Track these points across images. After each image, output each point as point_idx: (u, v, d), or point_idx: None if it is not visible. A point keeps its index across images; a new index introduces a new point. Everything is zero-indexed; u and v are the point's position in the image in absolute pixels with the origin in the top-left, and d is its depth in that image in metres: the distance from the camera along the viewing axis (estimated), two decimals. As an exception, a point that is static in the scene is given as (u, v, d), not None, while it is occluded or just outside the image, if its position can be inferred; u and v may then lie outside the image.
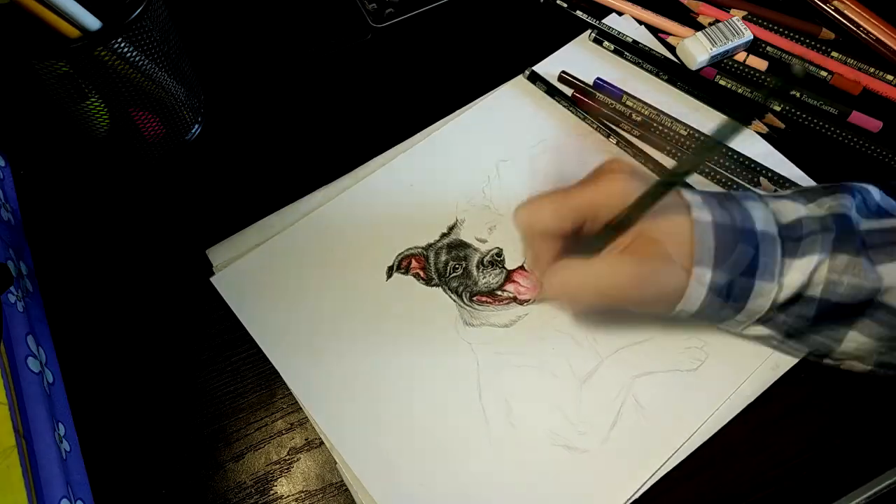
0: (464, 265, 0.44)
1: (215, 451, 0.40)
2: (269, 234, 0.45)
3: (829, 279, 0.34)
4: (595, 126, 0.48)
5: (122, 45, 0.40)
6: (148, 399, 0.41)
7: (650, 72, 0.50)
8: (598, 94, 0.49)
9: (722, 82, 0.50)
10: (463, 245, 0.45)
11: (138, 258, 0.45)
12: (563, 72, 0.50)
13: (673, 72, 0.50)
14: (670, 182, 0.33)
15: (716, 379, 0.40)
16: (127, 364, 0.42)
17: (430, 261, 0.44)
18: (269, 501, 0.39)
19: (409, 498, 0.38)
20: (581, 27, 0.53)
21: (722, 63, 0.51)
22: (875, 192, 0.37)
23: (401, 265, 0.44)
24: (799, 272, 0.35)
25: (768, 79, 0.28)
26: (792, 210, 0.36)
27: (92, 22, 0.38)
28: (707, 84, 0.51)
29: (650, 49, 0.51)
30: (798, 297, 0.35)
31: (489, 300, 0.43)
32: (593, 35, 0.52)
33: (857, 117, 0.48)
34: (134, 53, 0.40)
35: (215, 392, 0.42)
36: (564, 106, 0.49)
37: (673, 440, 0.39)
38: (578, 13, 0.53)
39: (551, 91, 0.49)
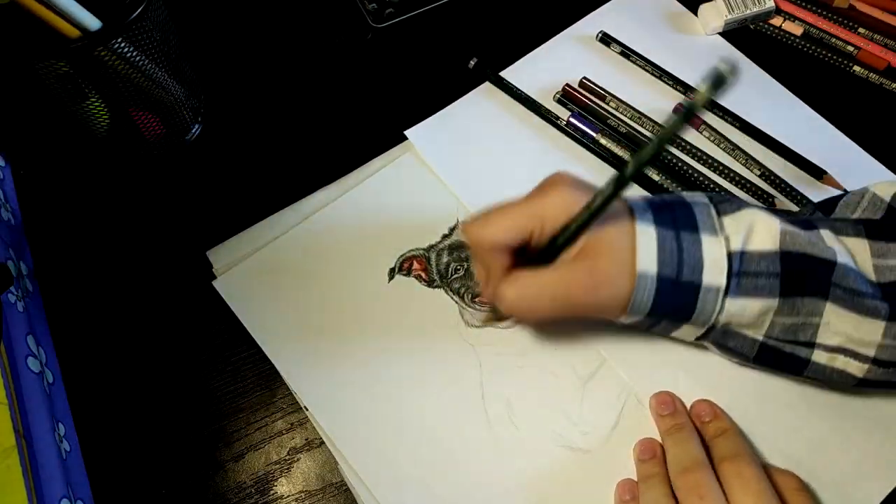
0: (465, 266, 0.44)
1: (215, 451, 0.40)
2: (270, 236, 0.45)
3: (782, 230, 0.35)
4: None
5: (122, 45, 0.39)
6: (148, 399, 0.41)
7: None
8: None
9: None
10: (464, 246, 0.44)
11: (138, 258, 0.45)
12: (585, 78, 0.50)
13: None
14: (615, 188, 0.33)
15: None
16: (127, 364, 0.42)
17: (432, 262, 0.44)
18: (269, 501, 0.39)
19: (411, 498, 0.38)
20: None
21: (757, 27, 0.53)
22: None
23: (402, 267, 0.44)
24: (736, 223, 0.35)
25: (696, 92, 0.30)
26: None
27: (92, 22, 0.38)
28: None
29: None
30: (757, 257, 0.35)
31: (490, 300, 0.43)
32: (600, 36, 0.52)
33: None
34: (134, 53, 0.40)
35: (215, 392, 0.41)
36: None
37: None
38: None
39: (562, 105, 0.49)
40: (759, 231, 0.35)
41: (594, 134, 0.48)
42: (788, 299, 0.35)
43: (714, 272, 0.35)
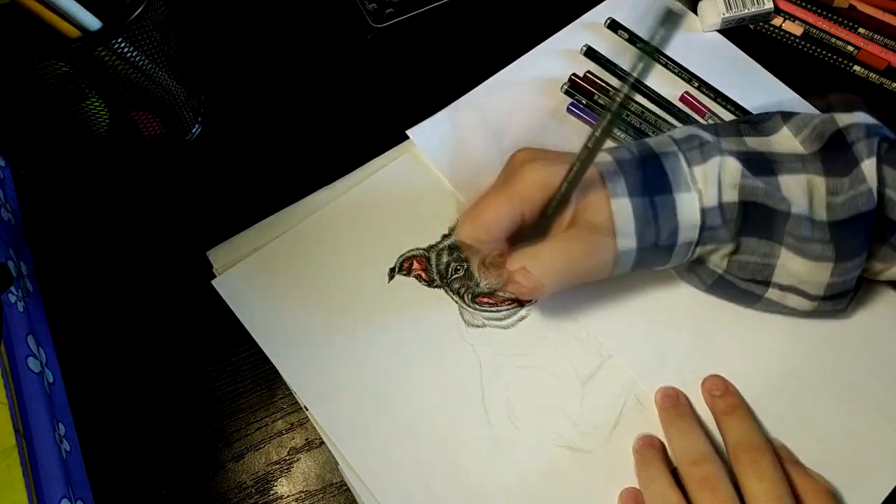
0: (465, 266, 0.44)
1: (215, 451, 0.40)
2: (270, 236, 0.45)
3: (742, 184, 0.37)
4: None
5: (122, 45, 0.39)
6: (148, 399, 0.41)
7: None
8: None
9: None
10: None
11: (138, 258, 0.45)
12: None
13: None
14: (588, 156, 0.35)
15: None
16: (127, 364, 0.42)
17: (432, 262, 0.44)
18: (270, 501, 0.39)
19: (411, 498, 0.38)
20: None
21: (757, 27, 0.53)
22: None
23: (402, 267, 0.44)
24: (705, 173, 0.37)
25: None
26: (685, 128, 0.39)
27: (92, 22, 0.38)
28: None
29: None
30: (720, 207, 0.37)
31: (491, 301, 0.43)
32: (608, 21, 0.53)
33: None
34: (134, 53, 0.40)
35: (215, 392, 0.41)
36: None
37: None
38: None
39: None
40: (725, 182, 0.37)
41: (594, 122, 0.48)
42: (745, 239, 0.37)
43: (688, 231, 0.37)
